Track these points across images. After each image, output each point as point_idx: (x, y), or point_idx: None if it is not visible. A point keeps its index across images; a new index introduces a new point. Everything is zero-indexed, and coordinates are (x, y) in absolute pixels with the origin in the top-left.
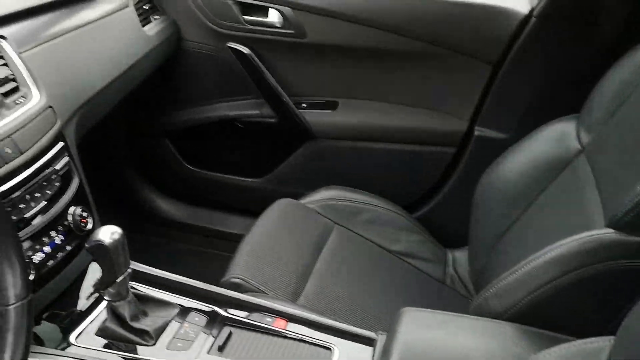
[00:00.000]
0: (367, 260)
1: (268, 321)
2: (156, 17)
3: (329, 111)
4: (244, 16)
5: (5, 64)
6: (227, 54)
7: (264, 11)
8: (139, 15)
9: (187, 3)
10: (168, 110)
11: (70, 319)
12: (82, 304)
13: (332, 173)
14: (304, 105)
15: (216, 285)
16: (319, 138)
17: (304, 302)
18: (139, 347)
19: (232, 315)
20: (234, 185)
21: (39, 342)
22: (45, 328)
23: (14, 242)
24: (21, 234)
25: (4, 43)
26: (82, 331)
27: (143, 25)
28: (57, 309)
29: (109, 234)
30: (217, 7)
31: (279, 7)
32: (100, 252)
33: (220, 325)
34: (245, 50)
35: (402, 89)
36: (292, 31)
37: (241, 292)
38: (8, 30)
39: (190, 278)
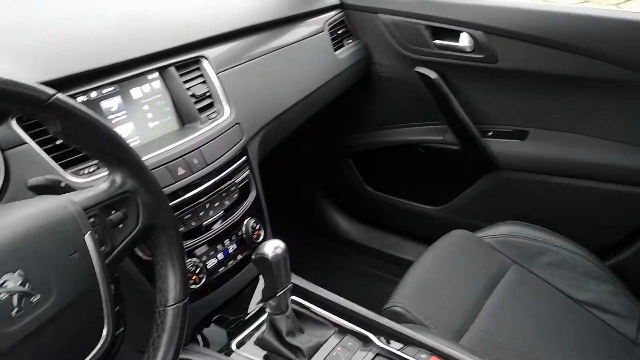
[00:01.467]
0: (545, 307)
1: (423, 358)
2: (349, 41)
3: (517, 141)
4: (434, 40)
5: (204, 82)
6: (414, 78)
7: (455, 35)
8: (332, 39)
9: (379, 27)
10: (354, 131)
11: (236, 325)
12: (251, 311)
13: (514, 207)
14: (490, 133)
15: (377, 311)
16: (503, 169)
17: (467, 343)
18: None
19: (387, 345)
20: (410, 210)
21: (205, 342)
22: (213, 330)
23: (179, 248)
24: (198, 239)
25: (205, 63)
26: (243, 339)
27: (335, 50)
28: (226, 314)
29: (272, 248)
30: (407, 31)
31: (472, 31)
32: (263, 265)
33: (372, 354)
34: (432, 74)
35: (604, 122)
36: (482, 56)
37: (401, 322)
38: (210, 51)
39: (356, 298)
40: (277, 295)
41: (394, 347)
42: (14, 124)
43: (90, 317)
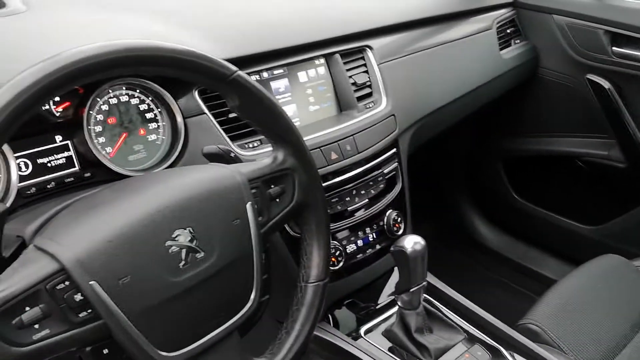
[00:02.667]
0: None
1: None
2: (517, 41)
3: None
4: (612, 47)
5: (365, 71)
6: (583, 86)
7: (637, 44)
8: (499, 38)
9: (552, 29)
10: (509, 135)
11: (367, 313)
12: (381, 302)
13: None
14: None
15: (511, 324)
16: None
17: None
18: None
19: None
20: (559, 226)
21: (335, 324)
22: (344, 313)
23: (327, 229)
24: (341, 224)
25: (369, 53)
26: (371, 327)
27: (501, 49)
28: (358, 300)
29: (412, 242)
30: (583, 35)
31: None
32: (400, 259)
33: None
34: (605, 84)
35: None
36: None
37: (535, 342)
38: (375, 42)
39: (488, 308)
40: (411, 290)
41: None
42: (196, 95)
43: (242, 280)
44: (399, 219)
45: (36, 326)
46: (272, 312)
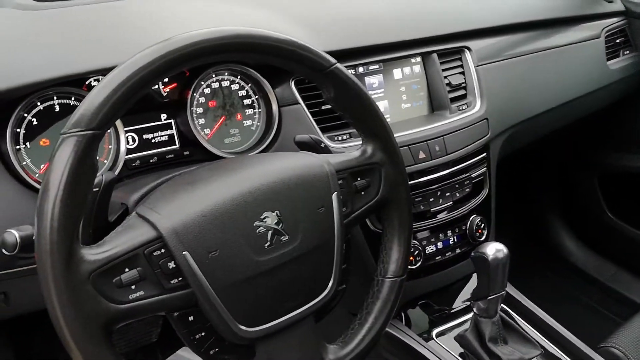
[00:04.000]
0: None
1: None
2: (626, 52)
3: None
4: None
5: (462, 73)
6: None
7: None
8: (607, 47)
9: None
10: (608, 149)
11: (440, 315)
12: (456, 307)
13: None
14: None
15: (592, 346)
16: None
17: None
18: None
19: None
20: None
21: (408, 322)
22: (417, 314)
23: (409, 227)
24: (423, 224)
25: (467, 54)
26: (444, 330)
27: (608, 59)
28: (432, 302)
29: (494, 250)
30: None
31: None
32: (481, 265)
33: None
34: None
35: None
36: None
37: None
38: (474, 43)
39: (570, 326)
40: (489, 298)
41: None
42: (292, 85)
43: (322, 267)
44: (483, 225)
45: (133, 287)
46: (346, 304)
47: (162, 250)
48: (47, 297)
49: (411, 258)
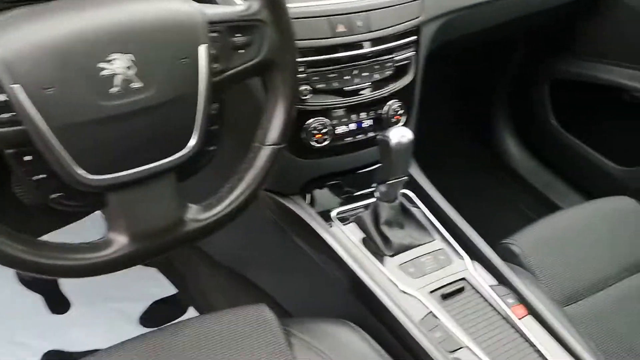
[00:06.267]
0: None
1: (508, 302)
2: None
3: None
4: None
5: None
6: None
7: None
8: None
9: None
10: (563, 54)
11: (347, 197)
12: (363, 191)
13: None
14: None
15: (490, 244)
16: None
17: (573, 312)
18: (374, 250)
19: (477, 276)
20: (591, 161)
21: (312, 202)
22: (324, 194)
23: (293, 93)
24: (336, 102)
25: None
26: (344, 211)
27: None
28: (345, 184)
29: (398, 135)
30: None
31: None
32: (384, 149)
33: (457, 278)
34: None
35: None
36: None
37: (511, 262)
38: None
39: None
40: (389, 182)
41: (486, 280)
42: None
43: (182, 123)
44: (401, 111)
45: None
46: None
47: None
48: None
49: (319, 135)
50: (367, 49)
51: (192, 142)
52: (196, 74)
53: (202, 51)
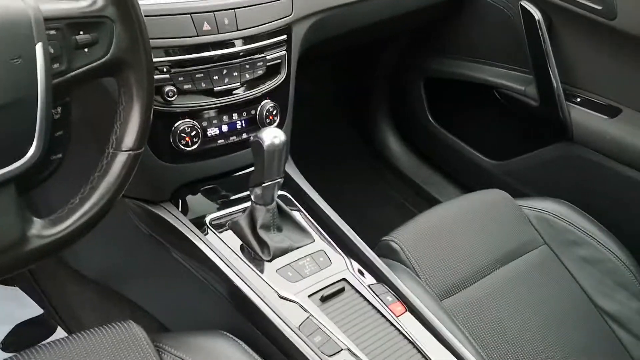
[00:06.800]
0: (560, 303)
1: (387, 300)
2: None
3: (605, 117)
4: None
5: None
6: (516, 13)
7: None
8: None
9: None
10: (434, 53)
11: (224, 202)
12: (239, 195)
13: (573, 188)
14: (578, 100)
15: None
16: (576, 143)
17: (450, 305)
18: (252, 256)
19: (356, 273)
20: (464, 156)
21: (185, 208)
22: (197, 198)
23: (149, 94)
24: (207, 103)
25: None
26: (220, 217)
27: None
28: (221, 188)
29: (270, 136)
30: None
31: None
32: (257, 150)
33: (337, 279)
34: (537, 14)
35: None
36: (600, 7)
37: (392, 258)
38: None
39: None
40: (264, 185)
41: (366, 279)
42: None
43: (19, 129)
44: (275, 111)
45: None
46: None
47: None
48: None
49: (187, 139)
50: (235, 48)
51: (32, 150)
52: (33, 75)
53: (39, 50)
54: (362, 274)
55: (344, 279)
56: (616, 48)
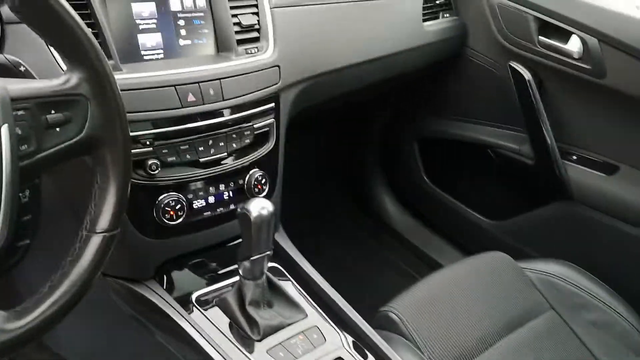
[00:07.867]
0: None
1: None
2: (446, 15)
3: (603, 175)
4: (540, 36)
5: (256, 13)
6: (505, 73)
7: (564, 37)
8: (426, 8)
9: (483, 7)
10: (427, 114)
11: (212, 277)
12: (227, 268)
13: (576, 247)
14: (574, 157)
15: (371, 311)
16: (577, 201)
17: None
18: (241, 335)
19: (352, 350)
20: (464, 217)
21: (170, 286)
22: (183, 274)
23: (125, 173)
24: (192, 175)
25: None
26: (206, 293)
27: (425, 20)
28: (209, 262)
29: (258, 207)
30: (513, 18)
31: (585, 35)
32: (244, 223)
33: (332, 357)
34: (526, 74)
35: None
36: (589, 67)
37: (391, 331)
38: None
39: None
40: (252, 258)
41: (363, 357)
42: None
43: None
44: (264, 180)
45: None
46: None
47: None
48: None
49: (172, 212)
50: (222, 117)
51: None
52: None
53: (4, 132)
54: (358, 350)
55: (339, 358)
56: (608, 105)
